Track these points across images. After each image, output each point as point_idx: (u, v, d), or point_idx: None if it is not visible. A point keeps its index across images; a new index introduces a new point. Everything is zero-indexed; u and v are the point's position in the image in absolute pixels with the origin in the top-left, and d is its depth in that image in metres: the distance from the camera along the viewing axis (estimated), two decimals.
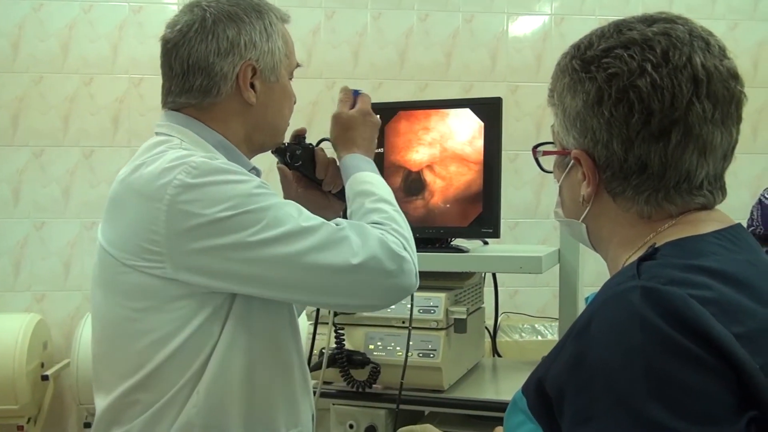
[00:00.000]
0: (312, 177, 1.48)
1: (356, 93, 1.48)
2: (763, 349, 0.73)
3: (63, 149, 3.48)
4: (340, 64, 3.59)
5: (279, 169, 1.48)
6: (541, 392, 0.82)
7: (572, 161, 0.93)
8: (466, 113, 1.84)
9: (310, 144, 1.48)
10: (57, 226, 3.47)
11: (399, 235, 1.23)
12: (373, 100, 1.50)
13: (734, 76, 0.87)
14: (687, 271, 0.78)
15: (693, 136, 0.84)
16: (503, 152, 1.83)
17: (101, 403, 1.21)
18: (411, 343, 1.74)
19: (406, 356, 1.70)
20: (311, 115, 3.49)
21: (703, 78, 0.84)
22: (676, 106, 0.83)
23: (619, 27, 0.89)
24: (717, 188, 0.90)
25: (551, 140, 1.00)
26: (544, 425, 0.82)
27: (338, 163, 1.44)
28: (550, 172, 1.02)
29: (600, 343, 0.75)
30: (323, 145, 1.53)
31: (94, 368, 1.26)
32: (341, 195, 1.48)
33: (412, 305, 1.70)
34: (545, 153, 1.00)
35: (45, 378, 3.11)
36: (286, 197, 1.47)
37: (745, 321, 0.75)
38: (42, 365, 3.20)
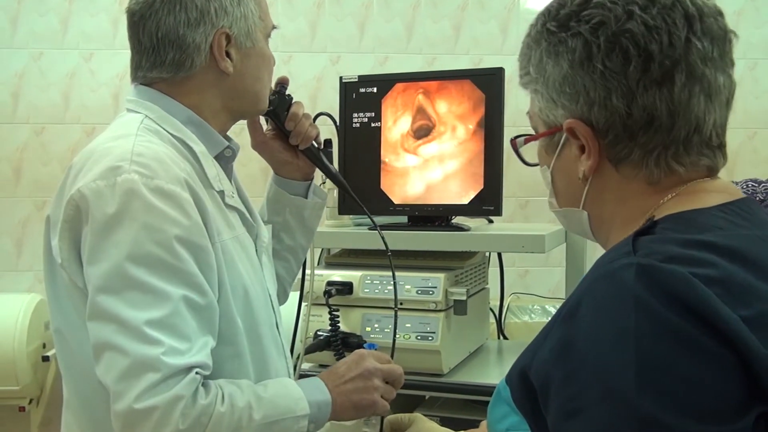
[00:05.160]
0: (280, 126, 1.42)
1: (371, 347, 1.47)
2: None
3: (64, 126, 3.42)
4: (345, 37, 3.49)
5: None
6: (526, 382, 0.75)
7: (564, 137, 0.84)
8: (467, 85, 1.75)
9: (290, 95, 1.42)
10: None
11: None
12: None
13: (721, 13, 0.81)
14: (689, 246, 0.70)
15: (696, 77, 0.77)
16: (515, 128, 1.74)
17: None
18: (408, 325, 1.68)
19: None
20: (315, 90, 3.42)
21: (695, 14, 0.78)
22: (674, 44, 0.77)
23: None
24: (720, 147, 0.82)
25: (528, 133, 0.91)
26: (528, 418, 0.75)
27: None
28: (536, 165, 0.92)
29: (589, 327, 0.68)
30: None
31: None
32: (309, 153, 1.45)
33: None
34: (528, 139, 0.91)
35: (46, 359, 3.07)
36: (253, 141, 1.44)
37: (754, 303, 0.66)
38: (44, 346, 3.15)
